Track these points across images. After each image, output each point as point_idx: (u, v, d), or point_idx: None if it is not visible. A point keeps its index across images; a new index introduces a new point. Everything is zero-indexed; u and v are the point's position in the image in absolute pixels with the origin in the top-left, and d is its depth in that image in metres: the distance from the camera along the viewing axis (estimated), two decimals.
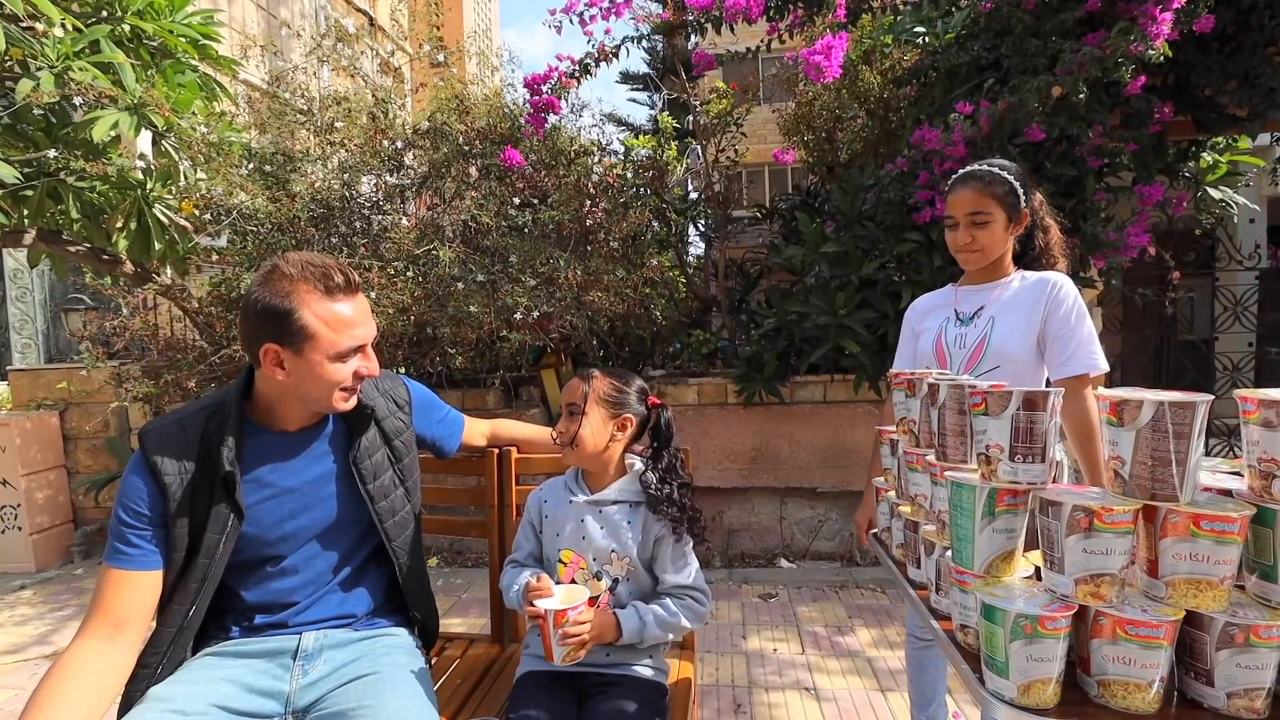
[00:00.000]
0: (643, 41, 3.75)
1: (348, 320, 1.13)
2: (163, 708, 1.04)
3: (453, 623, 3.03)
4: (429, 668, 1.27)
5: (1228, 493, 0.82)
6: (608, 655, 1.28)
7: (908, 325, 1.70)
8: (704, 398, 3.65)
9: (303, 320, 1.09)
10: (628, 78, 12.59)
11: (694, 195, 4.31)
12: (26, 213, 2.95)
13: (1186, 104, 3.17)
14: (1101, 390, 0.85)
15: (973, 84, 3.11)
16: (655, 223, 3.81)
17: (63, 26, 2.70)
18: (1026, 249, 1.58)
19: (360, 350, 1.16)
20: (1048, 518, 0.82)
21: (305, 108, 3.71)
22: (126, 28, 2.88)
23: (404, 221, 3.70)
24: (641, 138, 3.74)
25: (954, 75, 3.22)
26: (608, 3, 3.29)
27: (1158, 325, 5.67)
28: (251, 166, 3.54)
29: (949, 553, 0.94)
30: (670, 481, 1.31)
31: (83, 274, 3.84)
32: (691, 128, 4.14)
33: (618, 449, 1.35)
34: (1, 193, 2.73)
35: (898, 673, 2.48)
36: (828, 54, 3.00)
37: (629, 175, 3.72)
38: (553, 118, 3.57)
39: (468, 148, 3.63)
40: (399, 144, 3.69)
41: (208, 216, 3.27)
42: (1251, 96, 2.99)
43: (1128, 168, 3.13)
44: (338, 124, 3.63)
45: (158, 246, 3.13)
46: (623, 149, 3.83)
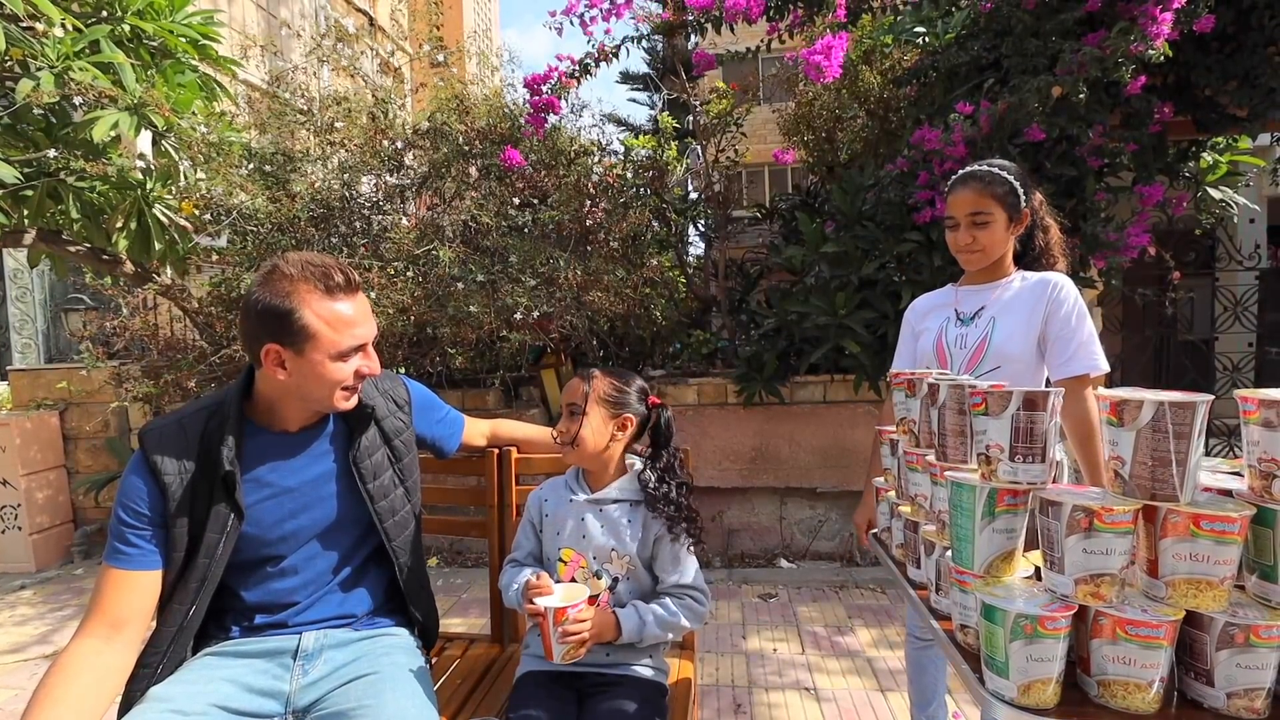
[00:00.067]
0: (643, 41, 3.75)
1: (348, 319, 1.13)
2: (163, 708, 1.04)
3: (453, 623, 3.03)
4: (429, 668, 1.27)
5: (1228, 493, 0.82)
6: (607, 655, 1.28)
7: (907, 325, 1.69)
8: (704, 398, 3.65)
9: (304, 320, 1.09)
10: (628, 78, 12.59)
11: (694, 195, 4.30)
12: (26, 213, 2.95)
13: (1186, 104, 3.17)
14: (1101, 390, 0.85)
15: (973, 84, 3.11)
16: (655, 223, 3.81)
17: (63, 26, 2.70)
18: (1026, 249, 1.58)
19: (361, 349, 1.17)
20: (1048, 518, 0.82)
21: (305, 108, 3.71)
22: (126, 28, 2.87)
23: (404, 221, 3.69)
24: (641, 138, 3.74)
25: (954, 75, 3.22)
26: (608, 4, 3.29)
27: (1158, 325, 5.67)
28: (251, 166, 3.54)
29: (949, 553, 0.94)
30: (669, 481, 1.32)
31: (83, 274, 3.84)
32: (691, 128, 4.13)
33: (618, 449, 1.35)
34: (1, 193, 2.73)
35: (898, 673, 2.48)
36: (828, 54, 3.00)
37: (629, 175, 3.72)
38: (553, 118, 3.57)
39: (468, 148, 3.63)
40: (399, 144, 3.69)
41: (208, 216, 3.27)
42: (1251, 96, 2.99)
43: (1128, 168, 3.13)
44: (338, 124, 3.63)
45: (158, 246, 3.13)
46: (623, 149, 3.83)
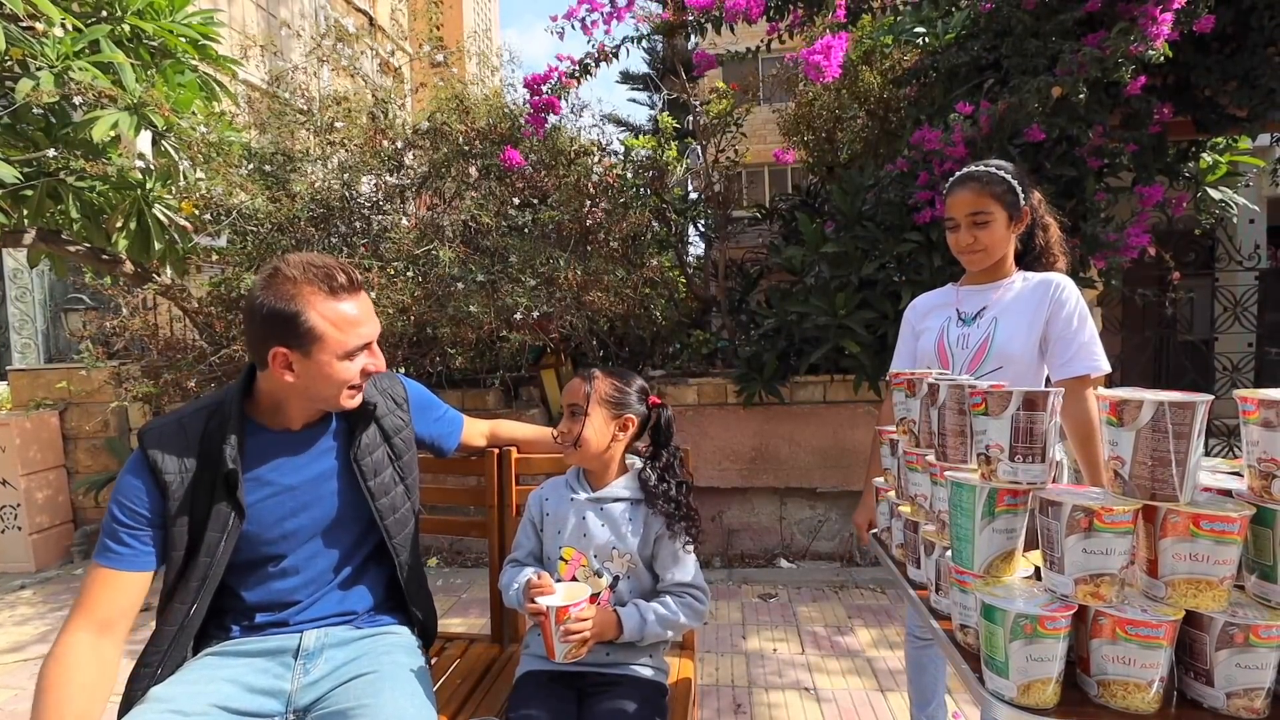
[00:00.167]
0: (643, 42, 3.75)
1: (353, 319, 1.14)
2: (163, 708, 1.04)
3: (452, 623, 3.03)
4: (429, 667, 1.27)
5: (1228, 493, 0.82)
6: (608, 654, 1.28)
7: (907, 324, 1.69)
8: (704, 398, 3.65)
9: (310, 322, 1.09)
10: (628, 78, 12.60)
11: (694, 195, 4.31)
12: (26, 213, 2.94)
13: (1186, 104, 3.17)
14: (1101, 390, 0.85)
15: (973, 84, 3.11)
16: (655, 223, 3.81)
17: (63, 26, 2.70)
18: (1027, 247, 1.58)
19: (366, 347, 1.18)
20: (1048, 518, 0.82)
21: (305, 108, 3.71)
22: (126, 28, 2.87)
23: (404, 221, 3.70)
24: (641, 138, 3.74)
25: (954, 75, 3.22)
26: (609, 8, 3.29)
27: (1158, 326, 5.67)
28: (251, 166, 3.54)
29: (949, 553, 0.94)
30: (669, 479, 1.32)
31: (83, 274, 3.84)
32: (691, 128, 4.14)
33: (619, 449, 1.35)
34: (1, 193, 2.72)
35: (897, 673, 2.48)
36: (827, 54, 3.01)
37: (629, 175, 3.72)
38: (553, 118, 3.57)
39: (468, 148, 3.63)
40: (399, 144, 3.69)
41: (208, 216, 3.27)
42: (1251, 97, 2.99)
43: (1128, 168, 3.13)
44: (338, 124, 3.63)
45: (157, 246, 3.13)
46: (623, 149, 3.83)
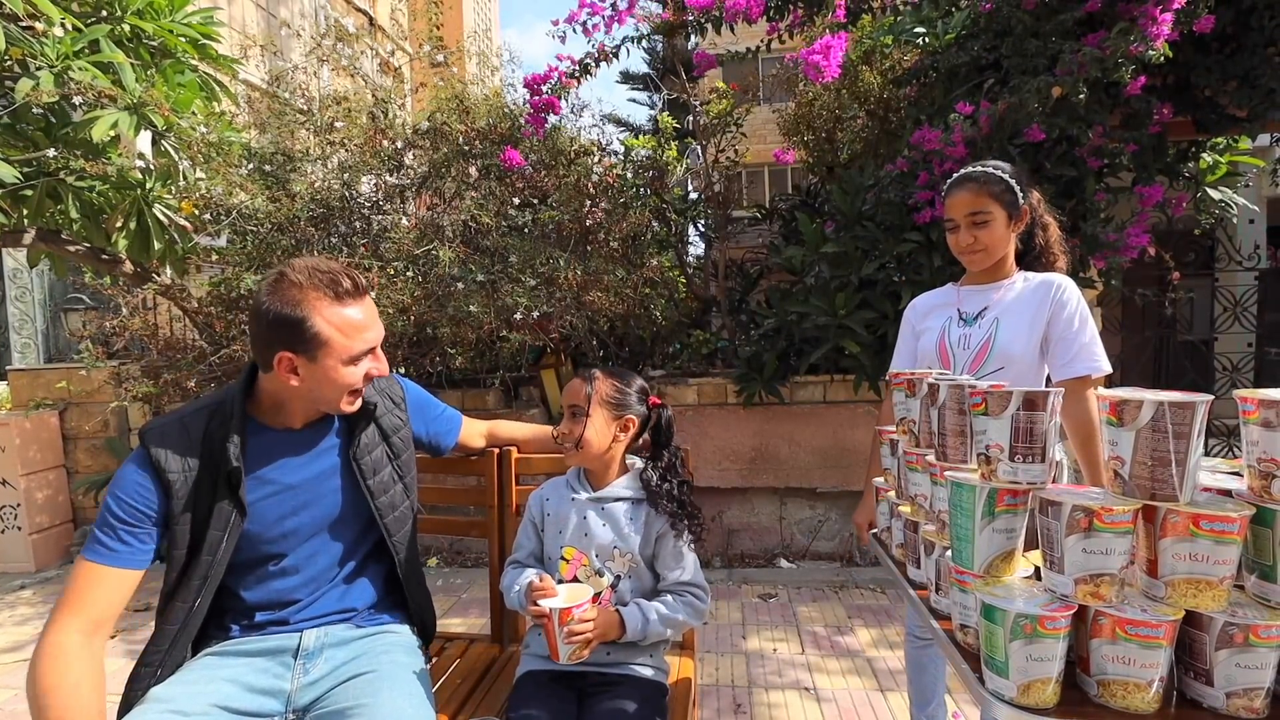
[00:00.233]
0: (643, 42, 3.75)
1: (359, 324, 1.14)
2: (163, 708, 1.04)
3: (452, 623, 3.03)
4: (428, 666, 1.27)
5: (1227, 493, 0.82)
6: (608, 654, 1.28)
7: (907, 324, 1.69)
8: (704, 398, 3.65)
9: (316, 328, 1.10)
10: (628, 78, 12.61)
11: (694, 195, 4.31)
12: (26, 212, 2.94)
13: (1186, 104, 3.17)
14: (1101, 390, 0.85)
15: (973, 84, 3.11)
16: (655, 223, 3.81)
17: (62, 26, 2.70)
18: (1027, 247, 1.59)
19: (371, 352, 1.18)
20: (1048, 518, 0.82)
21: (305, 108, 3.71)
22: (126, 27, 2.87)
23: (404, 221, 3.69)
24: (641, 138, 3.74)
25: (954, 76, 3.22)
26: (610, 11, 3.29)
27: (1157, 326, 5.67)
28: (251, 166, 3.54)
29: (949, 553, 0.94)
30: (670, 479, 1.32)
31: (82, 274, 3.84)
32: (691, 128, 4.14)
33: (620, 449, 1.35)
34: (1, 193, 2.72)
35: (897, 673, 2.48)
36: (826, 54, 3.01)
37: (629, 175, 3.72)
38: (553, 118, 3.57)
39: (468, 148, 3.62)
40: (399, 144, 3.69)
41: (208, 216, 3.27)
42: (1251, 97, 2.99)
43: (1128, 168, 3.13)
44: (338, 124, 3.63)
45: (157, 246, 3.13)
46: (623, 149, 3.83)
